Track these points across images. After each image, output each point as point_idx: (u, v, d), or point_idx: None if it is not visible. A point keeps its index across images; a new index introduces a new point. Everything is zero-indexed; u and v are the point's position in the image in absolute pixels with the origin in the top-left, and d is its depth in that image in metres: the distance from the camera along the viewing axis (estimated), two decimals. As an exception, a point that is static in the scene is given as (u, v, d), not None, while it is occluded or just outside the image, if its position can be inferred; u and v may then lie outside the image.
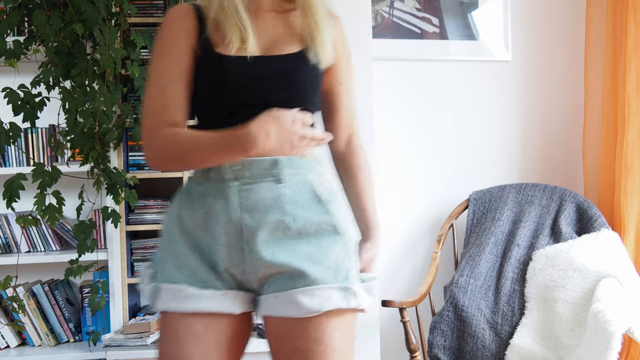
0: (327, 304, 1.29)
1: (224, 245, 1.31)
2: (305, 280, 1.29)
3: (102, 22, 2.12)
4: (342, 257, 1.34)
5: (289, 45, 1.37)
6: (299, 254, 1.31)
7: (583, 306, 2.23)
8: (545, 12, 2.88)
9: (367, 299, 1.37)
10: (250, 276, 1.33)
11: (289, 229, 1.31)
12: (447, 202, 2.82)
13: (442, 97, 2.84)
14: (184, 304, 1.31)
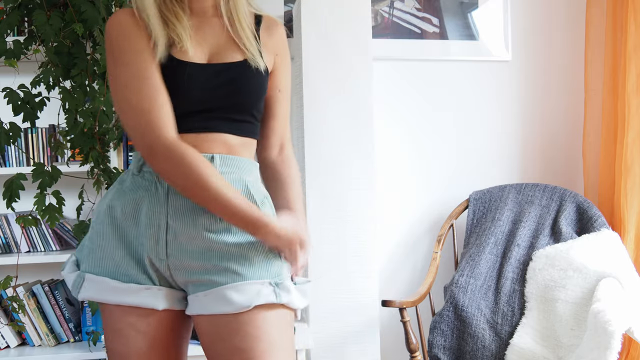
0: (256, 299, 1.29)
1: (150, 237, 1.32)
2: (235, 276, 1.30)
3: (102, 22, 2.12)
4: (273, 254, 1.35)
5: (233, 54, 1.38)
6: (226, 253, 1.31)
7: (583, 306, 2.23)
8: (545, 12, 2.88)
9: (300, 300, 1.37)
10: (176, 272, 1.33)
11: (217, 224, 1.32)
12: (447, 202, 2.82)
13: (442, 97, 2.84)
14: (105, 296, 1.34)
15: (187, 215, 1.32)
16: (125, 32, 1.34)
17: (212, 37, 1.39)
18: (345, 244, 2.44)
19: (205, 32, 1.39)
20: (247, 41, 1.39)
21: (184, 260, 1.32)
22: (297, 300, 1.36)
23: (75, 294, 1.37)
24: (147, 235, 1.33)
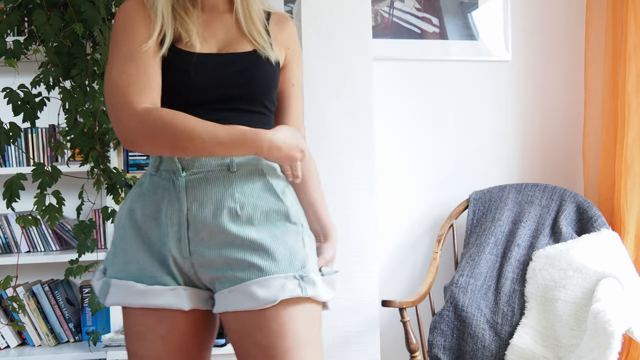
0: (281, 294, 1.26)
1: (173, 236, 1.30)
2: (259, 271, 1.28)
3: (102, 22, 2.12)
4: (297, 246, 1.32)
5: (244, 44, 1.38)
6: (249, 246, 1.29)
7: (583, 306, 2.23)
8: (545, 12, 2.88)
9: (327, 292, 1.34)
10: (200, 269, 1.31)
11: (238, 216, 1.30)
12: (447, 202, 2.82)
13: (442, 97, 2.84)
14: (132, 300, 1.32)
15: (206, 210, 1.30)
16: (126, 18, 1.34)
17: (222, 31, 1.39)
18: (345, 244, 2.44)
19: (215, 27, 1.39)
20: (258, 34, 1.39)
21: (207, 257, 1.30)
22: (324, 292, 1.33)
23: (102, 301, 1.35)
24: (169, 234, 1.31)
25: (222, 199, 1.30)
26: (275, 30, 1.45)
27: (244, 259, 1.29)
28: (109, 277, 1.34)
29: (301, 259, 1.31)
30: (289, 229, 1.33)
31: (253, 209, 1.31)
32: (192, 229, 1.30)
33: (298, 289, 1.28)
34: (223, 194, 1.30)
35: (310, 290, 1.29)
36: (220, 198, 1.30)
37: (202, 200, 1.30)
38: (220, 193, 1.31)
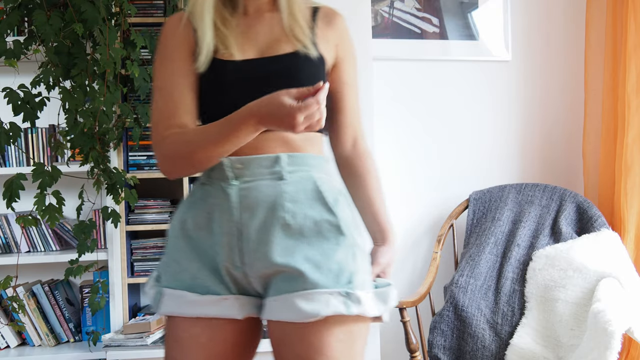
0: (325, 310, 1.23)
1: (224, 246, 1.29)
2: (305, 283, 1.24)
3: (102, 22, 2.12)
4: (346, 260, 1.28)
5: (285, 45, 1.35)
6: (299, 255, 1.26)
7: (583, 306, 2.23)
8: (545, 12, 2.88)
9: (377, 307, 1.29)
10: (252, 278, 1.30)
11: (289, 226, 1.27)
12: (447, 202, 2.82)
13: (442, 97, 2.84)
14: (185, 309, 1.31)
15: (257, 219, 1.28)
16: (163, 40, 1.38)
17: (264, 33, 1.37)
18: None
19: (257, 29, 1.37)
20: (300, 32, 1.35)
21: (258, 266, 1.28)
22: (371, 308, 1.28)
23: (155, 310, 1.34)
24: (221, 243, 1.29)
25: (273, 208, 1.28)
26: (323, 27, 1.40)
27: (293, 269, 1.26)
28: (162, 287, 1.33)
29: (349, 274, 1.27)
30: (340, 241, 1.28)
31: (304, 218, 1.28)
32: (243, 239, 1.28)
33: (342, 306, 1.24)
34: (274, 203, 1.28)
35: (355, 308, 1.25)
36: (271, 208, 1.28)
37: (253, 209, 1.28)
38: (272, 202, 1.28)
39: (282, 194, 1.28)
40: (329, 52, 1.39)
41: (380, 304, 1.30)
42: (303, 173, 1.31)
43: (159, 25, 2.61)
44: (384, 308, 1.31)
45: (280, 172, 1.29)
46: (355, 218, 1.36)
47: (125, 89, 2.57)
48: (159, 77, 1.36)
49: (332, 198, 1.31)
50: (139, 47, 2.33)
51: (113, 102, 2.24)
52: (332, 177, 1.37)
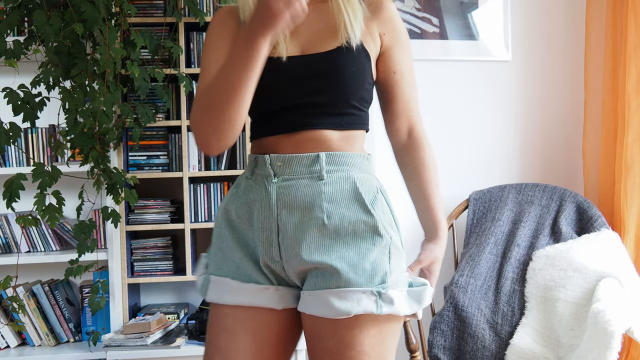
0: (356, 308, 1.24)
1: (263, 240, 1.31)
2: (338, 281, 1.26)
3: (102, 22, 2.12)
4: (381, 260, 1.29)
5: (328, 41, 1.31)
6: (335, 254, 1.27)
7: (583, 306, 2.23)
8: (545, 12, 2.88)
9: (410, 305, 1.30)
10: (290, 273, 1.32)
11: (325, 227, 1.28)
12: (447, 202, 2.82)
13: (442, 97, 2.84)
14: (227, 297, 1.33)
15: (295, 218, 1.29)
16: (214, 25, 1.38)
17: (314, 24, 1.33)
18: (345, 244, 2.44)
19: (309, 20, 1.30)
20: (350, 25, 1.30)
21: (295, 263, 1.30)
22: (403, 308, 1.29)
23: (203, 296, 1.38)
24: (260, 238, 1.31)
25: (311, 208, 1.29)
26: (367, 15, 1.36)
27: (328, 266, 1.27)
28: (209, 274, 1.37)
29: (382, 274, 1.28)
30: (376, 241, 1.29)
31: (340, 219, 1.28)
32: (281, 235, 1.30)
33: (373, 305, 1.25)
34: (312, 203, 1.29)
35: (386, 308, 1.26)
36: (308, 207, 1.29)
37: (291, 207, 1.29)
38: (309, 202, 1.29)
39: (320, 194, 1.29)
40: (374, 42, 1.36)
41: (414, 303, 1.31)
42: (342, 173, 1.31)
43: (159, 25, 2.61)
44: (417, 307, 1.32)
45: (320, 171, 1.30)
46: (393, 215, 1.36)
47: (125, 89, 2.57)
48: (204, 60, 1.36)
49: (370, 198, 1.31)
50: (139, 47, 2.33)
51: (113, 102, 2.24)
52: (371, 175, 1.37)
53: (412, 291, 1.32)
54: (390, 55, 1.39)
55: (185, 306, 2.80)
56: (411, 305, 1.31)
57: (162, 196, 2.72)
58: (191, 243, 2.65)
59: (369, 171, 1.36)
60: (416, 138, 1.44)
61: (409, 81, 1.42)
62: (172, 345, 2.45)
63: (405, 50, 1.41)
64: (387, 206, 1.35)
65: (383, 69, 1.39)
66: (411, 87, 1.42)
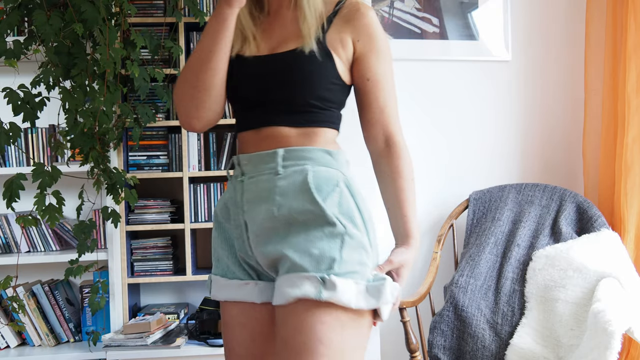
0: (297, 292, 1.25)
1: (237, 237, 1.39)
2: (288, 268, 1.29)
3: (102, 22, 2.12)
4: (330, 247, 1.29)
5: (290, 43, 1.38)
6: (287, 243, 1.31)
7: (583, 306, 2.23)
8: (545, 12, 2.88)
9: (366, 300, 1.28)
10: (263, 266, 1.37)
11: (276, 218, 1.32)
12: (447, 202, 2.82)
13: (442, 97, 2.84)
14: (220, 294, 1.44)
15: (255, 212, 1.35)
16: None
17: (280, 31, 1.41)
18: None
19: (274, 27, 1.42)
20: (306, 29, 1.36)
21: (260, 255, 1.36)
22: (354, 300, 1.27)
23: (210, 294, 1.48)
24: (236, 235, 1.39)
25: (267, 201, 1.34)
26: (340, 23, 1.40)
27: (282, 254, 1.32)
28: (211, 274, 1.47)
29: (330, 261, 1.28)
30: (326, 230, 1.30)
31: (289, 210, 1.32)
32: (249, 230, 1.36)
33: (313, 290, 1.25)
34: (267, 197, 1.34)
35: (327, 294, 1.24)
36: (265, 201, 1.34)
37: (253, 203, 1.36)
38: (266, 196, 1.34)
39: (275, 188, 1.34)
40: (344, 47, 1.39)
41: (370, 298, 1.29)
42: (298, 167, 1.35)
43: (159, 25, 2.61)
44: (374, 302, 1.29)
45: (276, 167, 1.35)
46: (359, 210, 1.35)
47: (125, 89, 2.57)
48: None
49: (322, 189, 1.33)
50: (139, 47, 2.33)
51: (113, 102, 2.24)
52: (334, 169, 1.37)
53: (371, 286, 1.30)
54: (364, 62, 1.40)
55: (185, 306, 2.80)
56: (367, 299, 1.28)
57: (162, 196, 2.72)
58: (191, 243, 2.65)
59: (330, 165, 1.37)
60: (392, 146, 1.42)
61: (385, 89, 1.42)
62: (172, 345, 2.45)
63: (381, 58, 1.41)
64: (351, 199, 1.34)
65: (356, 75, 1.41)
66: (387, 96, 1.42)
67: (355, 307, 1.27)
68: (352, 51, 1.40)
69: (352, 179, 1.39)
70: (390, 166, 1.42)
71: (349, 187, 1.36)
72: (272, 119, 1.37)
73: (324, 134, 1.39)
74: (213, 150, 2.69)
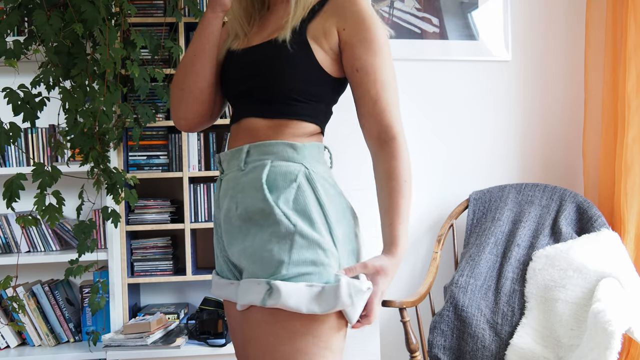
0: (242, 299, 1.22)
1: (218, 236, 1.40)
2: (244, 272, 1.28)
3: (102, 22, 2.11)
4: (279, 249, 1.21)
5: (274, 35, 1.34)
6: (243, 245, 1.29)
7: (583, 306, 2.23)
8: (545, 12, 2.88)
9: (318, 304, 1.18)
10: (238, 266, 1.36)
11: (237, 217, 1.30)
12: (447, 202, 2.82)
13: (442, 97, 2.84)
14: (215, 291, 1.44)
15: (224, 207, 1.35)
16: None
17: (273, 24, 1.40)
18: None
19: (270, 21, 1.41)
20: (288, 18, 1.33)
21: (232, 254, 1.35)
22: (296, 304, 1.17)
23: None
24: (218, 233, 1.40)
25: (230, 199, 1.33)
26: (329, 11, 1.34)
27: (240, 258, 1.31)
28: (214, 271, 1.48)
29: (277, 264, 1.20)
30: (274, 229, 1.23)
31: (245, 208, 1.28)
32: (222, 228, 1.37)
33: (259, 297, 1.19)
34: (232, 195, 1.33)
35: (271, 300, 1.17)
36: (230, 199, 1.33)
37: (223, 200, 1.36)
38: (230, 194, 1.33)
39: (237, 185, 1.32)
40: (327, 37, 1.32)
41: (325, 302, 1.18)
42: (259, 162, 1.30)
43: (159, 25, 2.61)
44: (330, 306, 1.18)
45: (241, 163, 1.33)
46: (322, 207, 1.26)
47: (125, 89, 2.57)
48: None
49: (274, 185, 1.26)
50: (139, 47, 2.33)
51: (113, 102, 2.24)
52: (296, 162, 1.29)
53: (329, 288, 1.19)
54: (352, 52, 1.31)
55: (185, 306, 2.80)
56: (321, 303, 1.18)
57: (162, 196, 2.72)
58: (191, 243, 2.65)
59: (292, 159, 1.29)
60: (388, 142, 1.31)
61: (378, 80, 1.31)
62: (172, 345, 2.45)
63: (372, 47, 1.30)
64: (311, 194, 1.26)
65: (345, 65, 1.34)
66: (381, 88, 1.31)
67: (307, 312, 1.18)
68: (336, 41, 1.32)
69: (320, 173, 1.31)
70: (383, 165, 1.31)
71: (311, 182, 1.27)
72: (246, 110, 1.36)
73: (294, 127, 1.32)
74: (213, 150, 2.69)
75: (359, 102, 1.34)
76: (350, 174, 2.46)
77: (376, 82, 1.31)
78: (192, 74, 1.40)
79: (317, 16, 1.33)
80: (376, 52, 1.31)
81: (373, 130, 1.33)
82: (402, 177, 1.31)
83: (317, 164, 1.32)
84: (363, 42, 1.30)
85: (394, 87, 1.34)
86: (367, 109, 1.33)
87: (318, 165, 1.32)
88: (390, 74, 1.33)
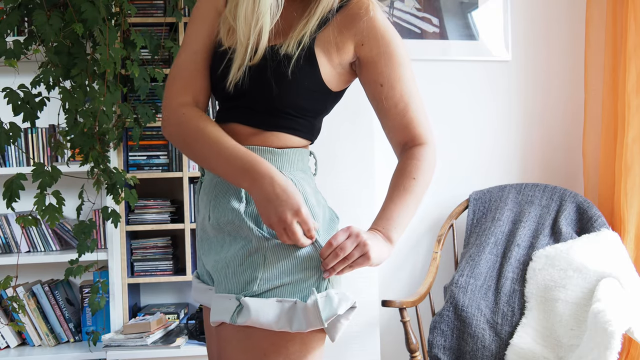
0: (215, 316, 1.18)
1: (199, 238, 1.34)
2: (216, 286, 1.23)
3: (102, 22, 2.12)
4: (251, 262, 1.16)
5: (279, 36, 1.24)
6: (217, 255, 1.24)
7: (583, 306, 2.23)
8: (545, 12, 2.88)
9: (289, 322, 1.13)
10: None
11: (208, 227, 1.26)
12: (447, 202, 2.82)
13: (442, 97, 2.84)
14: (194, 295, 1.37)
15: (200, 213, 1.31)
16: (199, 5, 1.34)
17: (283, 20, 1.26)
18: (345, 244, 2.44)
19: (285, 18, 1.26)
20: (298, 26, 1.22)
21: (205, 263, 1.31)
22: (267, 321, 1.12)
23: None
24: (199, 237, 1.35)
25: (205, 205, 1.28)
26: (342, 22, 1.25)
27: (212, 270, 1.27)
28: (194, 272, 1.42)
29: (248, 279, 1.15)
30: (245, 243, 1.19)
31: (216, 218, 1.23)
32: (199, 236, 1.34)
33: (228, 315, 1.14)
34: (205, 202, 1.28)
35: (240, 318, 1.13)
36: (204, 205, 1.29)
37: (199, 206, 1.33)
38: (206, 200, 1.28)
39: (213, 191, 1.27)
40: (340, 51, 1.25)
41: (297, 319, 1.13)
42: None
43: (159, 25, 2.61)
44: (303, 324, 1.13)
45: None
46: None
47: (125, 89, 2.57)
48: (187, 34, 1.33)
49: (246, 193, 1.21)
50: (139, 47, 2.33)
51: (113, 102, 2.24)
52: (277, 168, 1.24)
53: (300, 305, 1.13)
54: (375, 68, 1.26)
55: (185, 306, 2.80)
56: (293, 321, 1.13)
57: (162, 196, 2.72)
58: (191, 243, 2.65)
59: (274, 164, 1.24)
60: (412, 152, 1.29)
61: (405, 94, 1.28)
62: (172, 345, 2.45)
63: (394, 61, 1.26)
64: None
65: (368, 80, 1.29)
66: (408, 100, 1.28)
67: (278, 330, 1.13)
68: (351, 56, 1.27)
69: (301, 180, 1.26)
70: (399, 165, 1.30)
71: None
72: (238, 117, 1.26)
73: (282, 138, 1.27)
74: (213, 150, 2.68)
75: (386, 115, 1.31)
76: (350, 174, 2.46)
77: (403, 95, 1.28)
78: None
79: (328, 25, 1.24)
80: (399, 65, 1.27)
81: (399, 141, 1.32)
82: (411, 174, 1.27)
83: (297, 171, 1.27)
84: (385, 57, 1.26)
85: (419, 96, 1.31)
86: (395, 123, 1.30)
87: (297, 173, 1.27)
88: (414, 83, 1.30)
